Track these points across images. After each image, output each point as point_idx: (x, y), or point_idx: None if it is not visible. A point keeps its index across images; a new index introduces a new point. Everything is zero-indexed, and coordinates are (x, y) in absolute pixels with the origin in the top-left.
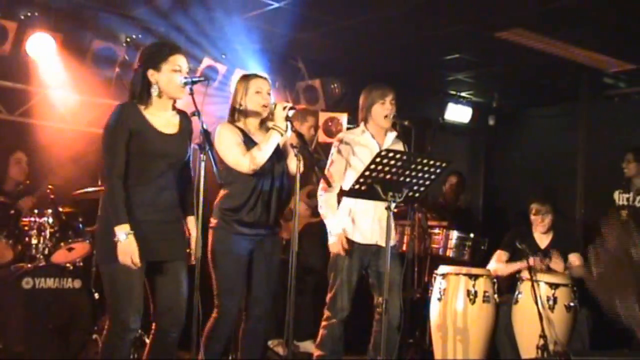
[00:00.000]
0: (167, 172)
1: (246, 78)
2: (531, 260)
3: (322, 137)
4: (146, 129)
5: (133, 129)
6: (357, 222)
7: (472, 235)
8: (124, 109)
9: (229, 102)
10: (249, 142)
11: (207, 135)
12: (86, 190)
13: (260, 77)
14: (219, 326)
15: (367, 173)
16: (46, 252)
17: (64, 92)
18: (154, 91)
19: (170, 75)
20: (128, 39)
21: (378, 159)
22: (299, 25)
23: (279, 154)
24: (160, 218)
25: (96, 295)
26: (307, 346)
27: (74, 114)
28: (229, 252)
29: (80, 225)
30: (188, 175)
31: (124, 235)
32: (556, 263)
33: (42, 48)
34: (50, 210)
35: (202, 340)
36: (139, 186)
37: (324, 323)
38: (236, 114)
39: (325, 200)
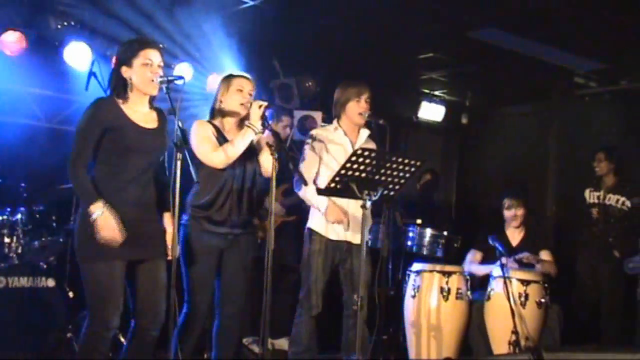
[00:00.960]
0: (149, 168)
1: (229, 77)
2: (504, 260)
3: (296, 136)
4: (125, 124)
5: (110, 125)
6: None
7: (445, 232)
8: (101, 103)
9: (205, 101)
10: (223, 141)
11: (183, 133)
12: (66, 186)
13: (244, 77)
14: (189, 322)
15: (342, 171)
16: (19, 250)
17: (35, 89)
18: (129, 87)
19: (141, 70)
20: (102, 37)
21: (354, 158)
22: (274, 23)
23: (252, 153)
24: (143, 216)
25: (70, 294)
26: (282, 343)
27: (45, 110)
28: (198, 249)
29: (54, 224)
30: (164, 172)
31: (99, 211)
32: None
33: (15, 45)
34: (23, 209)
35: (178, 337)
36: (125, 183)
37: (296, 320)
38: (216, 113)
39: (306, 190)
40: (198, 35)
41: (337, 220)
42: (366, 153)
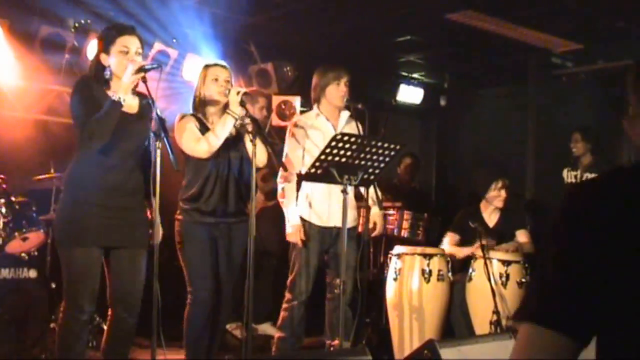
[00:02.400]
0: (132, 155)
1: (206, 67)
2: (483, 241)
3: (275, 121)
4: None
5: (98, 102)
6: (314, 206)
7: (425, 215)
8: (87, 78)
9: (181, 87)
10: (206, 131)
11: (161, 122)
12: (45, 176)
13: (219, 65)
14: (193, 311)
15: (322, 157)
16: (0, 242)
17: (12, 79)
18: (107, 74)
19: (118, 57)
20: (77, 25)
21: (334, 143)
22: (251, 8)
23: (236, 141)
24: (124, 204)
25: (53, 285)
26: (265, 328)
27: (22, 101)
28: (193, 241)
29: (34, 215)
30: (149, 159)
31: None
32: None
33: None
34: (2, 200)
35: (184, 328)
36: (107, 169)
37: (285, 305)
38: (197, 104)
39: (286, 189)
40: (174, 22)
41: (294, 241)
42: (346, 138)
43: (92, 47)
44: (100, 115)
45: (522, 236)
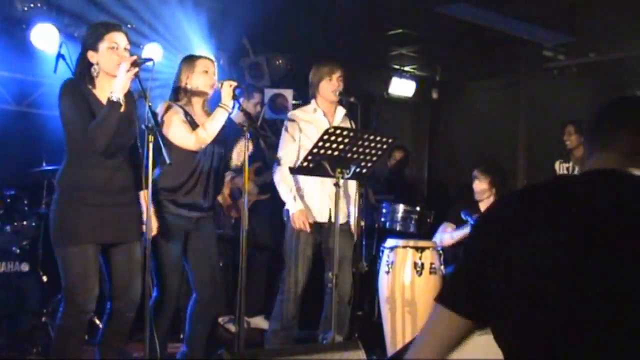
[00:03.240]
0: (117, 153)
1: (192, 58)
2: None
3: (268, 114)
4: (94, 106)
5: (87, 103)
6: (305, 200)
7: (418, 208)
8: (75, 82)
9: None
10: (191, 122)
11: (154, 116)
12: (37, 169)
13: (207, 58)
14: (160, 306)
15: (315, 150)
16: None
17: (3, 72)
18: (94, 72)
19: (107, 54)
20: (70, 18)
21: (326, 137)
22: (243, 1)
23: (219, 135)
24: (113, 201)
25: (44, 278)
26: (258, 322)
27: (14, 94)
28: (164, 233)
29: (26, 208)
30: (138, 156)
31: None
32: None
33: None
34: None
35: (151, 321)
36: (91, 168)
37: (279, 298)
38: (180, 93)
39: (281, 178)
40: (167, 15)
41: (299, 227)
42: (338, 131)
43: (37, 33)
44: (100, 119)
45: None
